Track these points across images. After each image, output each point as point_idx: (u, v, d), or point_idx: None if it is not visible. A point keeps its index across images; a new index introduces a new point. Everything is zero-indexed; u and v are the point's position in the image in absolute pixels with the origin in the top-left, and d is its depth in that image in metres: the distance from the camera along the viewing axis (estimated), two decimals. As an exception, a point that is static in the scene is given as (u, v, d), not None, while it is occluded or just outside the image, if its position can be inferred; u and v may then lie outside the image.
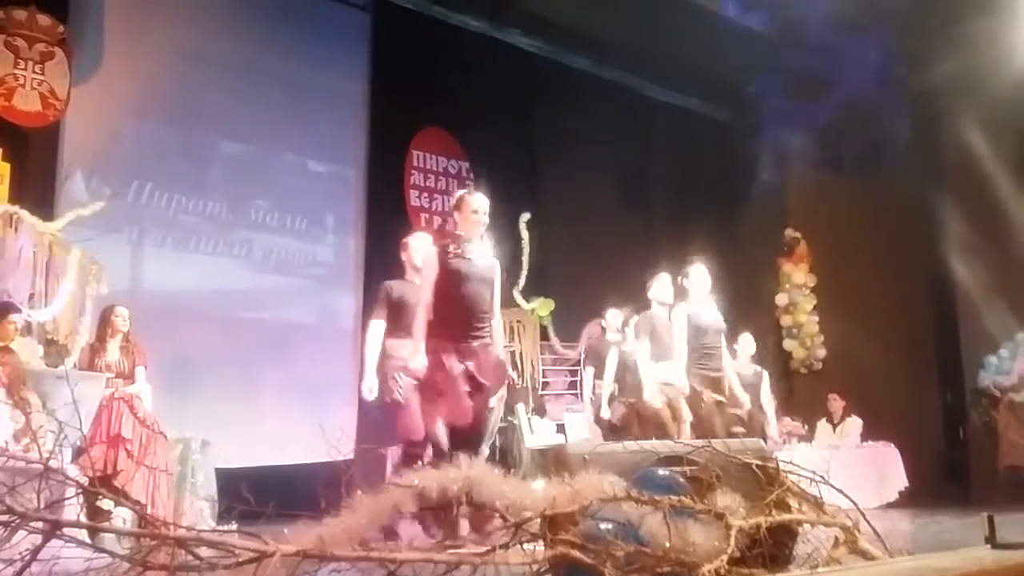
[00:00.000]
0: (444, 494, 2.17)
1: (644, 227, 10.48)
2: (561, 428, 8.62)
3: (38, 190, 7.30)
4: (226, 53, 8.43)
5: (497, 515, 2.27)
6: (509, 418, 8.57)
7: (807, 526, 2.97)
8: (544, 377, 9.60)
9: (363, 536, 2.00)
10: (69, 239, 6.97)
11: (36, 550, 1.64)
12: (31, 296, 6.64)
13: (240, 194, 8.57)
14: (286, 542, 1.82)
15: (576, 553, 2.44)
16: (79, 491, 2.03)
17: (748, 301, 9.40)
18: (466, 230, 4.75)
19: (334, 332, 8.91)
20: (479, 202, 4.79)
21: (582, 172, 9.97)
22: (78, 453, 5.40)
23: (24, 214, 6.66)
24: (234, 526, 2.87)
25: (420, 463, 4.49)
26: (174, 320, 7.62)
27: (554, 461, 2.81)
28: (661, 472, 2.88)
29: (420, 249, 5.24)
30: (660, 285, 6.39)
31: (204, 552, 1.72)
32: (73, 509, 3.83)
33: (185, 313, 7.87)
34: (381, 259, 8.36)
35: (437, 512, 2.17)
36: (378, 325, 5.16)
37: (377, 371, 5.06)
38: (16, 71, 7.35)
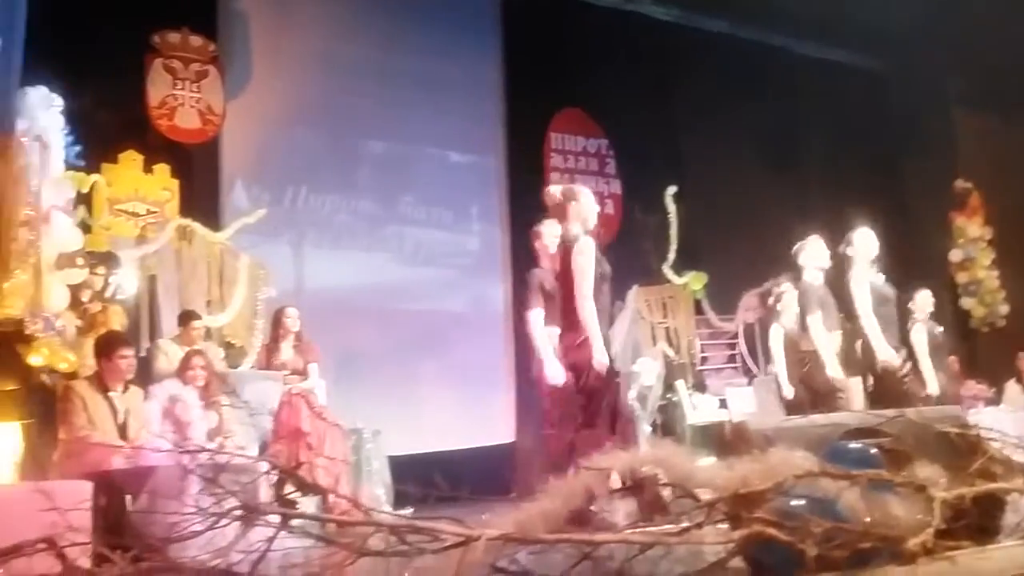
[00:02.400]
0: (635, 476, 2.14)
1: (798, 191, 10.08)
2: (724, 403, 8.43)
3: (205, 202, 7.76)
4: (362, 57, 8.68)
5: (689, 496, 2.22)
6: (669, 395, 8.47)
7: (1015, 495, 2.79)
8: (702, 352, 9.43)
9: (559, 519, 2.00)
10: (237, 247, 7.37)
11: (271, 540, 1.73)
12: (208, 303, 7.08)
13: (388, 191, 8.82)
14: (486, 527, 1.84)
15: (772, 531, 2.37)
16: (288, 481, 2.13)
17: (919, 261, 8.88)
18: (584, 219, 4.78)
19: (485, 320, 9.06)
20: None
21: (727, 139, 9.68)
22: (264, 448, 5.71)
23: (196, 226, 7.09)
24: (410, 511, 2.95)
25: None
26: (336, 316, 7.93)
27: (735, 438, 2.73)
28: (852, 445, 2.77)
29: (552, 236, 5.18)
30: (812, 250, 6.01)
31: (411, 537, 1.77)
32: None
33: (345, 309, 8.17)
34: (526, 245, 8.42)
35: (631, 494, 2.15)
36: (539, 314, 5.11)
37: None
38: (175, 91, 7.81)
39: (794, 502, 2.44)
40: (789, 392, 6.31)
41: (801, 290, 6.04)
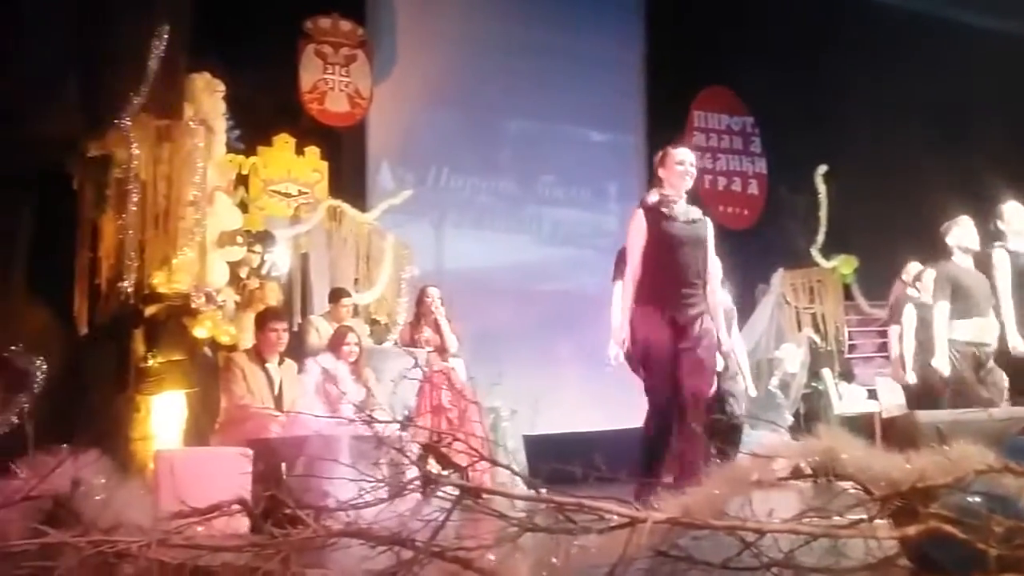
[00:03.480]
0: (803, 465, 2.05)
1: (962, 171, 9.46)
2: (873, 394, 8.05)
3: (352, 183, 8.02)
4: (504, 36, 8.73)
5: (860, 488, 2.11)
6: (814, 384, 8.17)
7: None
8: (850, 339, 9.03)
9: (723, 505, 1.95)
10: (383, 227, 7.58)
11: (448, 512, 1.75)
12: (355, 281, 7.32)
13: (528, 171, 8.86)
14: (651, 510, 1.81)
15: (949, 528, 2.23)
16: (431, 456, 2.16)
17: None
18: (672, 186, 4.31)
19: (623, 301, 8.96)
20: (684, 154, 4.39)
21: (882, 115, 9.16)
22: (407, 423, 5.85)
23: (345, 207, 7.33)
24: (543, 492, 2.94)
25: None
26: (476, 296, 8.03)
27: (902, 430, 2.58)
28: (1038, 440, 2.57)
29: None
30: (961, 230, 5.46)
31: (577, 516, 1.76)
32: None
33: (485, 289, 8.26)
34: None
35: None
36: (620, 287, 4.84)
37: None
38: (325, 76, 8.08)
39: (972, 499, 2.30)
40: (912, 378, 5.88)
41: (940, 272, 5.48)
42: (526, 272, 8.71)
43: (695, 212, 4.36)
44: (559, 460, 2.33)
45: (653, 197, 4.33)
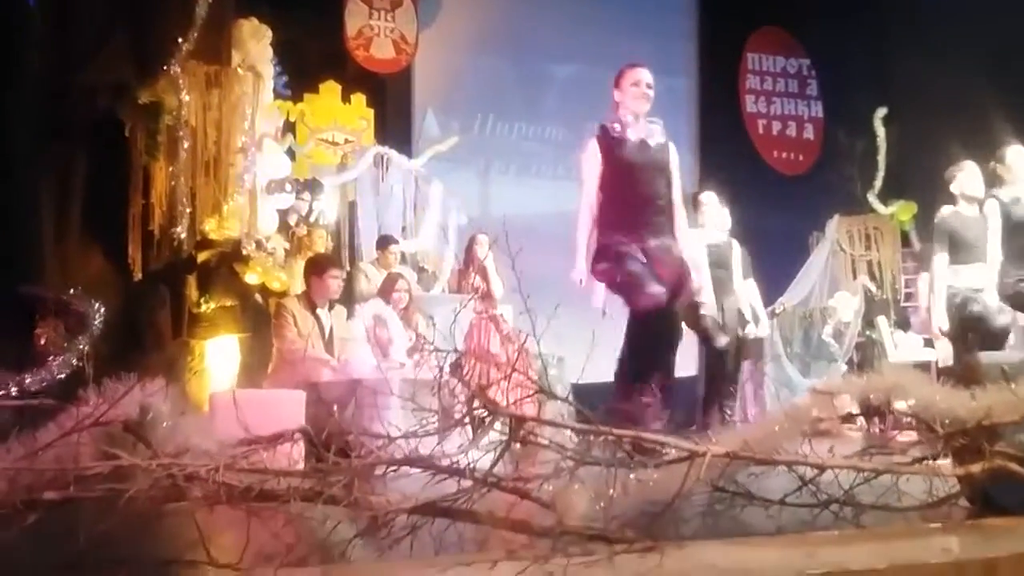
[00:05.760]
0: (868, 401, 2.00)
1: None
2: (930, 342, 7.87)
3: (398, 131, 7.99)
4: (552, -21, 8.55)
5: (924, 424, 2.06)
6: (868, 332, 8.01)
7: None
8: (907, 288, 8.83)
9: (782, 442, 1.91)
10: (429, 174, 7.55)
11: (507, 443, 1.75)
12: (403, 228, 7.33)
13: (575, 117, 8.69)
14: (710, 444, 1.78)
15: (1014, 466, 2.17)
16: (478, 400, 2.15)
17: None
18: (627, 108, 4.04)
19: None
20: (640, 74, 4.12)
21: (943, 56, 8.83)
22: (455, 368, 5.88)
23: (393, 154, 7.31)
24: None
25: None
26: (522, 243, 7.98)
27: (966, 372, 2.50)
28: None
29: None
30: (965, 176, 5.12)
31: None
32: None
33: (531, 236, 8.17)
34: (714, 169, 8.13)
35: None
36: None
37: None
38: (371, 22, 8.01)
39: (1032, 438, 2.23)
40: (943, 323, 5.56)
41: (940, 219, 5.15)
42: (573, 219, 8.63)
43: (657, 136, 4.08)
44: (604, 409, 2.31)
45: (606, 123, 4.08)
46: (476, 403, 1.94)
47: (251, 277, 5.71)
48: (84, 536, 1.40)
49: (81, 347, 4.30)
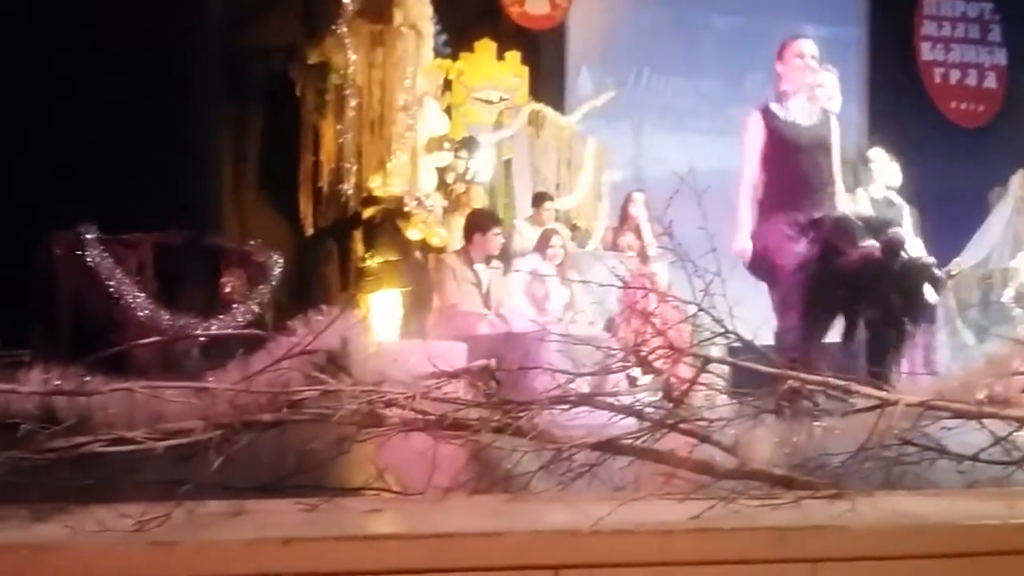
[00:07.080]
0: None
1: None
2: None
3: (551, 88, 7.96)
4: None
5: None
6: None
7: None
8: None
9: (977, 393, 1.81)
10: (584, 131, 7.52)
11: (692, 380, 1.75)
12: (556, 186, 7.34)
13: (734, 70, 8.42)
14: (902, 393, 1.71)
15: None
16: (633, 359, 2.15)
17: None
18: (791, 81, 3.96)
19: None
20: (804, 45, 4.01)
21: None
22: (610, 325, 5.88)
23: (547, 111, 7.32)
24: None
25: None
26: (677, 201, 7.83)
27: None
28: None
29: None
30: None
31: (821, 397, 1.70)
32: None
33: (686, 193, 8.04)
34: (885, 120, 7.69)
35: None
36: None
37: None
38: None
39: None
40: None
41: None
42: (730, 176, 8.39)
43: (818, 111, 4.02)
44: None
45: (771, 97, 4.05)
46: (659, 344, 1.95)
47: (413, 233, 5.88)
48: (294, 457, 1.51)
49: (263, 296, 4.57)
